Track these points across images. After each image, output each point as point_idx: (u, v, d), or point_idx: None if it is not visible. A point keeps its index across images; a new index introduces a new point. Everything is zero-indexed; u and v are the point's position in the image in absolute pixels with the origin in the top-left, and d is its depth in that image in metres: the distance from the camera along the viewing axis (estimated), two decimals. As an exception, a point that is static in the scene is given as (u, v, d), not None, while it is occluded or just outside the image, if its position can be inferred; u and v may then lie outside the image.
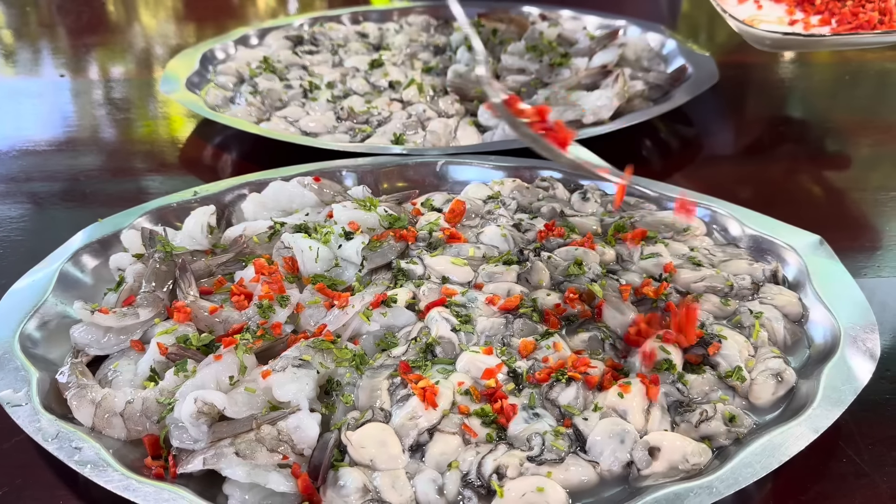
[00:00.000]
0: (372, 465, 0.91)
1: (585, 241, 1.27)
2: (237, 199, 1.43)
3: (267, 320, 1.10)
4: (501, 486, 0.87)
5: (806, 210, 1.56)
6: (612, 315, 1.11)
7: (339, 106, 1.87)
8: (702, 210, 1.36)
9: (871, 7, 1.82)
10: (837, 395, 0.97)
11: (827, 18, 1.85)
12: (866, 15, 1.79)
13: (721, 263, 1.24)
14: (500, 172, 1.52)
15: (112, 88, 2.34)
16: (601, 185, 1.45)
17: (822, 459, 0.98)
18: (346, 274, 1.23)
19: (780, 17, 1.88)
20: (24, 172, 1.79)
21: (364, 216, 1.31)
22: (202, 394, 0.93)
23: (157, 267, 1.18)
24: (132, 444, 0.98)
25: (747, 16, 1.86)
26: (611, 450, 0.92)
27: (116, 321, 1.09)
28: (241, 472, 0.88)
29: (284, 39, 2.29)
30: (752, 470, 0.88)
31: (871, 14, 1.79)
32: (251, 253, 1.26)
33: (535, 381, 1.01)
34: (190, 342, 1.05)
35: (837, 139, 1.90)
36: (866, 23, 1.77)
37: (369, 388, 1.01)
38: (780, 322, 1.12)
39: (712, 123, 1.95)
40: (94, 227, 1.33)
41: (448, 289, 1.17)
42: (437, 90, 1.93)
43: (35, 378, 1.01)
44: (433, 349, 1.07)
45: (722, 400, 1.00)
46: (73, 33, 2.96)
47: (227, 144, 1.87)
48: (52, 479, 0.97)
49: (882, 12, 1.80)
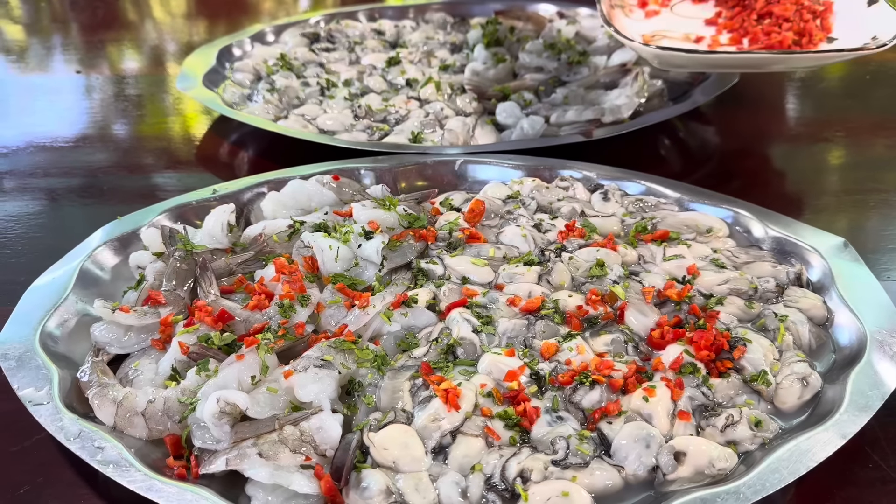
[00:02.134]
0: (395, 467, 0.91)
1: (607, 242, 1.26)
2: (256, 197, 1.42)
3: (288, 320, 1.09)
4: (526, 489, 0.86)
5: (829, 212, 1.54)
6: (634, 317, 1.10)
7: (356, 104, 1.87)
8: (724, 211, 1.35)
9: (788, 27, 1.71)
10: (865, 400, 0.96)
11: (738, 37, 1.75)
12: (780, 35, 1.68)
13: (744, 265, 1.23)
14: (518, 172, 1.51)
15: (128, 85, 2.34)
16: (622, 185, 1.44)
17: (848, 465, 0.97)
18: (366, 273, 1.23)
19: (686, 34, 1.77)
20: (42, 169, 1.80)
21: (383, 215, 1.30)
22: (225, 394, 0.93)
23: (177, 265, 1.18)
24: (153, 444, 0.97)
25: (650, 31, 1.77)
26: (636, 454, 0.91)
27: (137, 320, 1.09)
28: (264, 473, 0.88)
29: (301, 37, 2.28)
30: (779, 476, 0.87)
31: (784, 34, 1.68)
32: (271, 252, 1.26)
33: (557, 384, 1.00)
34: (212, 341, 1.04)
35: (859, 140, 1.88)
36: (778, 43, 1.67)
37: (391, 390, 1.00)
38: (804, 325, 1.11)
39: (731, 123, 1.94)
40: (114, 224, 1.33)
41: (468, 289, 1.16)
42: (454, 88, 1.92)
43: (56, 376, 1.01)
44: (454, 350, 1.07)
45: (747, 404, 0.99)
46: (87, 29, 2.97)
47: (243, 142, 1.86)
48: (73, 477, 0.97)
49: (800, 33, 1.69)
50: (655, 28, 1.78)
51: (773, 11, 1.75)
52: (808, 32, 1.68)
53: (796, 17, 1.72)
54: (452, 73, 2.03)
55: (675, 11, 1.88)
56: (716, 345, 1.04)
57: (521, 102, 1.82)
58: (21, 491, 0.96)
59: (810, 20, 1.71)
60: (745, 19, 1.77)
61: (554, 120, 1.75)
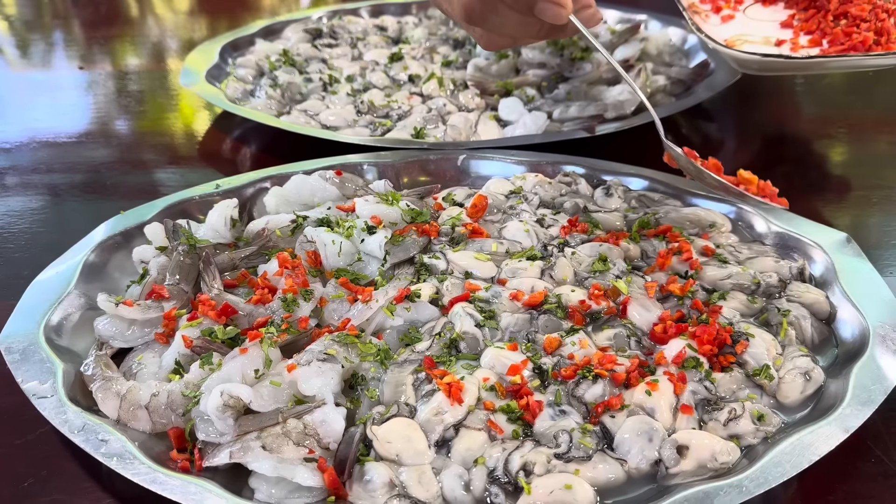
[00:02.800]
0: (398, 460, 0.91)
1: (609, 238, 1.26)
2: (259, 192, 1.42)
3: (291, 314, 1.10)
4: (529, 483, 0.87)
5: (831, 207, 1.54)
6: (637, 312, 1.11)
7: (358, 100, 1.87)
8: (727, 206, 1.35)
9: (867, 27, 1.70)
10: (867, 394, 0.96)
11: (818, 39, 1.74)
12: (860, 35, 1.67)
13: (747, 261, 1.23)
14: (521, 167, 1.51)
15: (130, 81, 2.34)
16: (624, 181, 1.44)
17: (850, 459, 0.96)
18: (369, 268, 1.23)
19: (766, 37, 1.76)
20: (45, 164, 1.80)
21: (386, 210, 1.30)
22: (228, 387, 0.93)
23: (181, 260, 1.18)
24: (157, 437, 0.97)
25: (731, 35, 1.75)
26: (639, 448, 0.91)
27: (141, 314, 1.09)
28: (267, 466, 0.88)
29: (303, 32, 2.28)
30: (781, 469, 0.87)
31: (865, 34, 1.67)
32: (274, 246, 1.26)
33: (560, 378, 1.00)
34: (215, 335, 1.04)
35: (862, 136, 1.88)
36: (860, 44, 1.66)
37: (394, 383, 1.00)
38: (807, 320, 1.11)
39: (734, 119, 1.94)
40: (117, 219, 1.33)
41: (471, 284, 1.17)
42: (457, 84, 1.92)
43: (60, 370, 1.02)
44: (457, 344, 1.07)
45: (750, 398, 0.99)
46: (90, 25, 2.97)
47: (246, 137, 1.87)
48: (77, 470, 0.97)
49: (878, 32, 1.68)
50: (734, 33, 1.78)
51: (850, 12, 1.74)
52: (886, 31, 1.68)
53: (872, 17, 1.72)
54: (455, 68, 2.03)
55: (747, 15, 1.88)
56: (718, 339, 1.04)
57: (523, 98, 1.82)
58: (25, 484, 0.96)
59: (886, 19, 1.71)
60: (822, 21, 1.77)
61: (556, 116, 1.75)
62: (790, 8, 1.87)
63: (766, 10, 1.90)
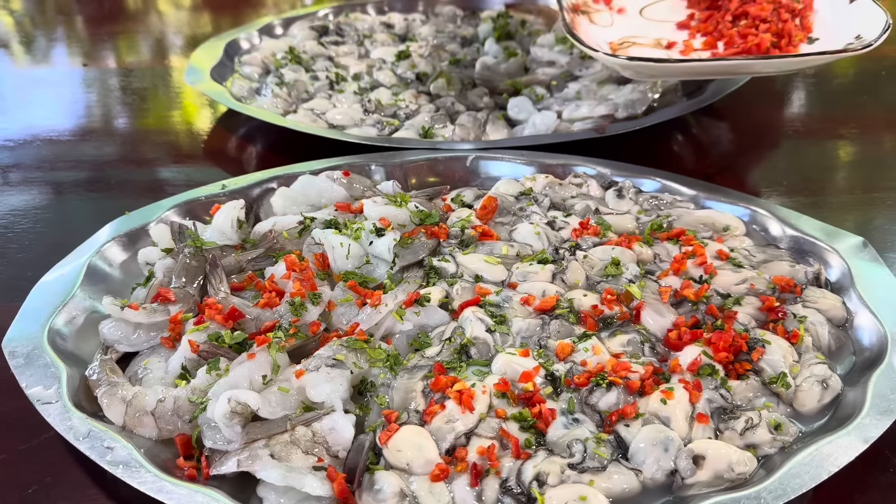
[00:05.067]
0: (408, 469, 0.89)
1: (622, 241, 1.24)
2: (265, 193, 1.41)
3: (299, 318, 1.08)
4: (542, 493, 0.85)
5: (846, 210, 1.52)
6: (651, 318, 1.09)
7: (365, 98, 1.85)
8: (741, 209, 1.33)
9: (766, 28, 1.60)
10: (886, 403, 0.95)
11: (712, 41, 1.65)
12: (757, 38, 1.57)
13: (761, 265, 1.21)
14: (531, 168, 1.49)
15: (135, 78, 2.32)
16: (636, 182, 1.42)
17: (868, 469, 0.95)
18: (378, 271, 1.21)
19: (657, 40, 1.67)
20: (49, 162, 1.78)
21: (395, 212, 1.28)
22: (236, 393, 0.91)
23: (187, 262, 1.16)
24: (163, 444, 0.96)
25: (619, 37, 1.67)
26: (654, 458, 0.89)
27: (146, 317, 1.08)
28: (276, 475, 0.86)
29: (310, 30, 2.26)
30: (800, 481, 0.86)
31: (762, 36, 1.57)
32: (281, 248, 1.24)
33: (573, 386, 0.98)
34: (222, 340, 1.03)
35: (876, 137, 1.86)
36: (755, 47, 1.56)
37: (404, 390, 0.99)
38: (824, 327, 1.09)
39: (745, 120, 1.91)
40: (122, 220, 1.32)
41: (482, 288, 1.15)
42: (465, 83, 1.90)
43: (65, 375, 1.00)
44: (468, 350, 1.05)
45: (766, 407, 0.98)
46: (94, 22, 2.95)
47: (251, 136, 1.85)
48: (81, 477, 0.96)
49: (779, 34, 1.58)
50: (624, 34, 1.69)
51: (749, 11, 1.65)
52: (788, 33, 1.59)
53: (774, 17, 1.63)
54: (463, 67, 2.01)
55: (644, 15, 1.79)
56: (734, 346, 1.02)
57: (532, 97, 1.80)
58: (29, 490, 0.94)
59: (789, 20, 1.62)
60: (720, 21, 1.67)
61: (566, 115, 1.73)
62: (692, 7, 1.78)
63: (666, 10, 1.79)
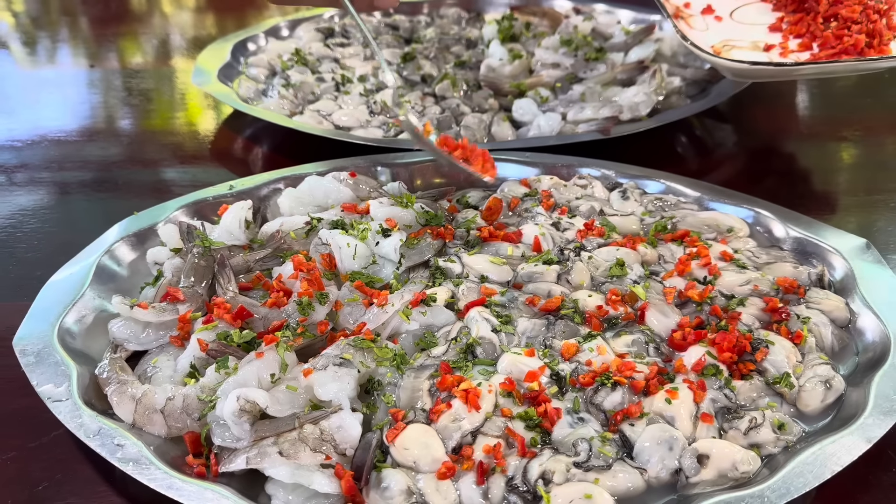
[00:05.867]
0: (415, 467, 0.90)
1: (627, 242, 1.25)
2: (272, 193, 1.41)
3: (307, 317, 1.09)
4: (548, 491, 0.86)
5: (849, 212, 1.53)
6: (656, 318, 1.10)
7: (371, 100, 1.86)
8: (744, 211, 1.34)
9: (858, 28, 1.62)
10: (889, 404, 0.95)
11: (807, 42, 1.67)
12: (851, 38, 1.60)
13: (765, 266, 1.22)
14: (536, 169, 1.50)
15: (142, 79, 2.33)
16: (640, 184, 1.43)
17: (871, 469, 0.95)
18: (384, 271, 1.22)
19: (754, 42, 1.69)
20: (56, 163, 1.80)
21: (401, 213, 1.29)
22: (245, 392, 0.92)
23: (195, 262, 1.17)
24: (172, 442, 0.97)
25: (717, 41, 1.69)
26: (659, 457, 0.90)
27: (155, 316, 1.09)
28: (284, 472, 0.87)
29: (315, 31, 2.27)
30: (803, 480, 0.86)
31: (856, 37, 1.60)
32: (288, 249, 1.25)
33: (578, 385, 0.99)
34: (231, 339, 1.04)
35: (879, 139, 1.87)
36: (852, 47, 1.59)
37: (410, 389, 1.00)
38: (827, 327, 1.09)
39: (749, 122, 1.92)
40: (130, 220, 1.33)
41: (487, 288, 1.16)
42: (470, 84, 1.91)
43: (75, 373, 1.01)
44: (474, 350, 1.06)
45: (770, 407, 0.98)
46: (99, 23, 2.96)
47: (257, 137, 1.86)
48: (91, 474, 0.97)
49: (870, 34, 1.61)
50: (721, 38, 1.72)
51: (840, 13, 1.68)
52: (878, 33, 1.62)
53: (863, 18, 1.66)
54: (468, 68, 2.01)
55: (735, 18, 1.82)
56: (738, 346, 1.03)
57: (537, 99, 1.81)
58: (40, 487, 0.95)
59: (878, 20, 1.65)
60: (811, 23, 1.70)
61: (571, 117, 1.74)
62: (779, 10, 1.80)
63: (755, 13, 1.82)
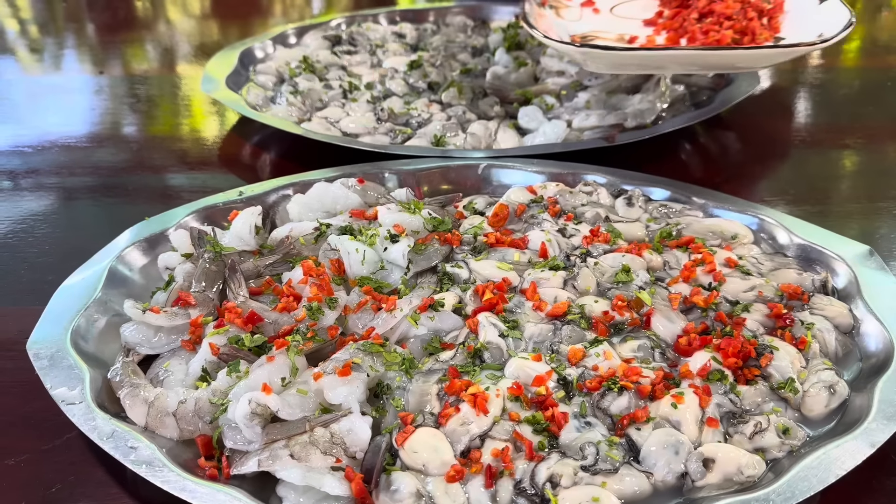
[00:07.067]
0: (424, 470, 0.91)
1: (632, 248, 1.26)
2: (281, 199, 1.43)
3: (316, 322, 1.10)
4: (556, 495, 0.87)
5: (852, 219, 1.54)
6: (661, 324, 1.11)
7: (378, 107, 1.87)
8: (749, 217, 1.35)
9: (729, 25, 1.62)
10: (893, 409, 0.96)
11: (675, 37, 1.67)
12: (718, 34, 1.59)
13: (769, 273, 1.23)
14: (542, 176, 1.51)
15: (151, 86, 2.35)
16: (645, 191, 1.44)
17: (874, 473, 0.96)
18: (392, 277, 1.23)
19: (620, 35, 1.69)
20: (67, 168, 1.81)
21: (409, 219, 1.31)
22: (256, 395, 0.94)
23: (206, 267, 1.19)
24: (184, 444, 0.98)
25: (585, 31, 1.70)
26: (665, 461, 0.91)
27: (167, 321, 1.10)
28: (296, 475, 0.89)
29: (323, 39, 2.29)
30: (808, 484, 0.87)
31: (723, 33, 1.59)
32: (298, 254, 1.27)
33: (585, 390, 1.00)
34: (242, 343, 1.05)
35: (882, 146, 1.88)
36: (716, 42, 1.58)
37: (419, 393, 1.01)
38: (831, 333, 1.11)
39: (753, 129, 1.93)
40: (141, 225, 1.34)
41: (495, 295, 1.17)
42: (476, 92, 1.93)
43: (88, 376, 1.02)
44: (481, 354, 1.07)
45: (775, 411, 0.99)
46: (106, 29, 2.99)
47: (265, 143, 1.87)
48: (104, 476, 0.98)
49: (742, 32, 1.61)
50: (590, 29, 1.72)
51: (715, 10, 1.67)
52: (752, 31, 1.60)
53: (740, 15, 1.64)
54: (474, 76, 2.03)
55: (615, 13, 1.82)
56: (743, 352, 1.04)
57: (542, 106, 1.82)
58: (53, 489, 0.97)
59: (755, 18, 1.63)
60: (685, 18, 1.70)
61: (576, 124, 1.75)
62: (663, 6, 1.81)
63: (638, 9, 1.82)
